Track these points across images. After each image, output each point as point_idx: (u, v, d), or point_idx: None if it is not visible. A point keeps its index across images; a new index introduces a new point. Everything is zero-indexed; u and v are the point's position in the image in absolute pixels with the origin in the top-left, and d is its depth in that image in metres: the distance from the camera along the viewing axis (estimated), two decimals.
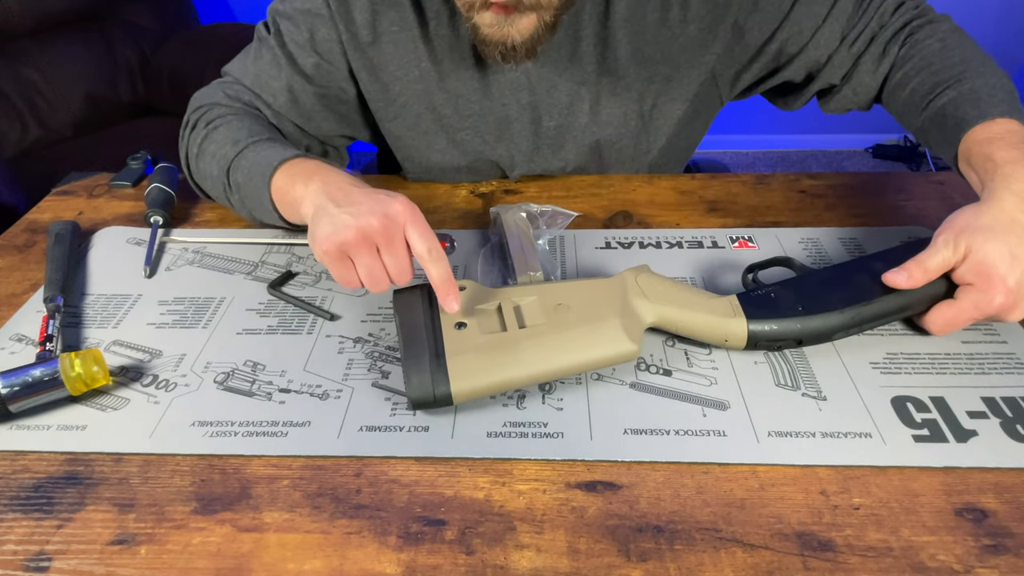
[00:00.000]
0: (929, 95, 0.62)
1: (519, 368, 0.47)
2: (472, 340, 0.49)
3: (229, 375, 0.53)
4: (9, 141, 1.64)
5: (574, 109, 0.73)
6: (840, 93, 0.73)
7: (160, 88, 1.82)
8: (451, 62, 0.70)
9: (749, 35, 0.70)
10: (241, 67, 0.72)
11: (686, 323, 0.52)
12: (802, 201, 0.73)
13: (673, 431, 0.47)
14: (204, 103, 0.70)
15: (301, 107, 0.71)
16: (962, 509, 0.41)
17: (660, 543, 0.40)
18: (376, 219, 0.50)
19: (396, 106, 0.73)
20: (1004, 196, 0.49)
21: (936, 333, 0.52)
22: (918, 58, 0.65)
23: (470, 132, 0.74)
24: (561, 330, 0.49)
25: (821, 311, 0.51)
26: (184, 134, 0.70)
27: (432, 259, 0.50)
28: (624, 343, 0.48)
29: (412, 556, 0.40)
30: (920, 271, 0.50)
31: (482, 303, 0.52)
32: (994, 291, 0.48)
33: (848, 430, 0.46)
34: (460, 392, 0.47)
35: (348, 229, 0.50)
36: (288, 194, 0.57)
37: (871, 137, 2.55)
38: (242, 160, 0.62)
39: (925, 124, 0.63)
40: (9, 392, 0.48)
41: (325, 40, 0.68)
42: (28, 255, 0.69)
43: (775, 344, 0.51)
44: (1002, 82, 0.59)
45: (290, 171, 0.58)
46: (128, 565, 0.40)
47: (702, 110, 0.77)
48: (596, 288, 0.52)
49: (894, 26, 0.68)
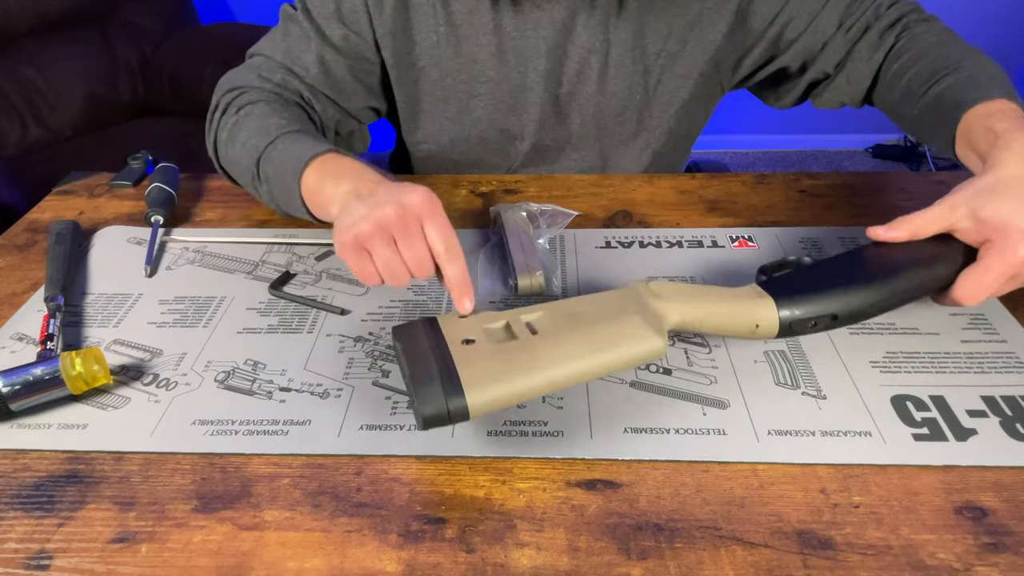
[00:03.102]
0: (927, 82, 0.63)
1: (538, 373, 0.43)
2: (483, 351, 0.45)
3: (230, 374, 0.53)
4: (9, 141, 1.65)
5: (583, 77, 0.74)
6: (834, 83, 0.74)
7: (160, 88, 1.82)
8: (469, 27, 0.71)
9: (752, 19, 0.72)
10: (270, 45, 0.72)
11: (711, 316, 0.48)
12: (802, 201, 0.73)
13: (673, 430, 0.47)
14: (235, 86, 0.68)
15: (333, 78, 0.71)
16: (962, 507, 0.41)
17: (660, 541, 0.40)
18: (391, 208, 0.48)
19: (415, 71, 0.74)
20: (1006, 158, 0.50)
21: (968, 302, 0.50)
22: (915, 50, 0.67)
23: (484, 99, 0.75)
24: (579, 331, 0.46)
25: (850, 286, 0.48)
26: (213, 118, 0.68)
27: (449, 258, 0.48)
28: (651, 338, 0.45)
29: (412, 554, 0.40)
30: (905, 223, 0.50)
31: (489, 323, 0.48)
32: (1016, 242, 0.47)
33: (848, 429, 0.46)
34: (477, 404, 0.42)
35: (364, 220, 0.49)
36: (319, 193, 0.56)
37: (871, 137, 2.55)
38: (273, 151, 0.61)
39: (921, 111, 0.63)
40: (10, 391, 0.48)
41: (351, 11, 0.70)
42: (29, 255, 0.69)
43: (809, 323, 0.48)
44: (998, 71, 0.61)
45: (322, 168, 0.57)
46: (129, 563, 0.40)
47: (703, 95, 0.78)
48: (608, 298, 0.50)
49: (889, 17, 0.70)
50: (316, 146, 0.59)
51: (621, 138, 0.79)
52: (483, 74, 0.73)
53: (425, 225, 0.49)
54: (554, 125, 0.78)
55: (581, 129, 0.78)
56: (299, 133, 0.62)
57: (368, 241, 0.49)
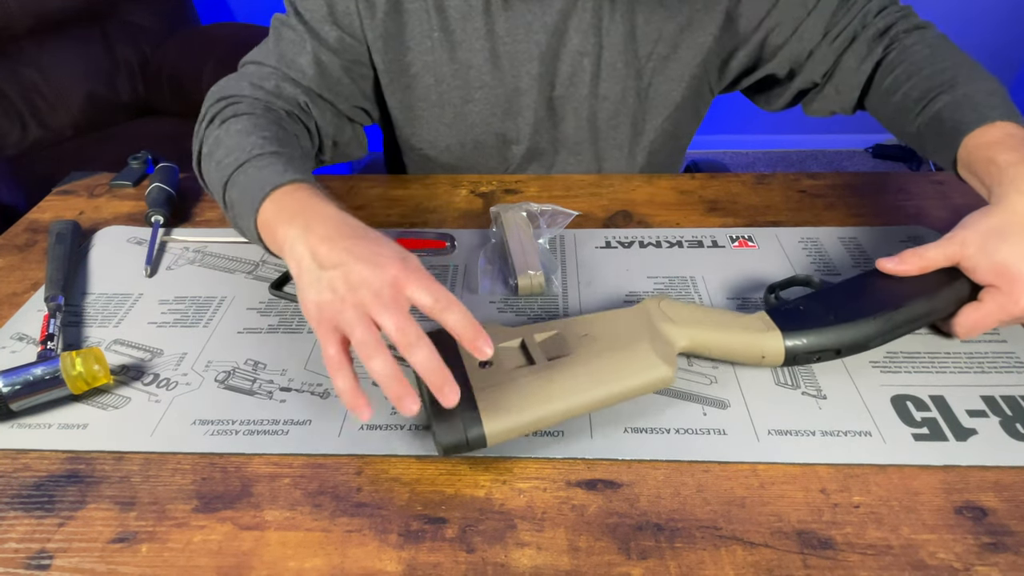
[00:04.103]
0: (922, 100, 0.62)
1: (554, 404, 0.44)
2: (500, 376, 0.46)
3: (230, 374, 0.53)
4: (9, 141, 1.65)
5: (576, 80, 0.74)
6: (823, 92, 0.74)
7: (160, 88, 1.82)
8: (463, 32, 0.71)
9: (739, 21, 0.72)
10: (263, 52, 0.71)
11: (719, 343, 0.50)
12: (802, 201, 0.73)
13: (673, 430, 0.47)
14: (225, 95, 0.66)
15: (330, 79, 0.70)
16: (962, 507, 0.41)
17: (660, 541, 0.40)
18: (365, 292, 0.43)
19: (408, 76, 0.74)
20: (1014, 197, 0.49)
21: (963, 337, 0.52)
22: (908, 63, 0.66)
23: (480, 104, 0.75)
24: (592, 361, 0.47)
25: (855, 319, 0.49)
26: (199, 128, 0.65)
27: (442, 307, 0.43)
28: (659, 368, 0.46)
29: (413, 554, 0.40)
30: (915, 257, 0.50)
31: (503, 341, 0.49)
32: (1018, 291, 0.47)
33: (848, 429, 0.46)
34: (494, 433, 0.43)
35: (332, 305, 0.44)
36: (273, 231, 0.51)
37: (871, 137, 2.55)
38: (240, 176, 0.56)
39: (920, 129, 0.63)
40: (10, 391, 0.48)
41: (344, 13, 0.69)
42: (29, 255, 0.69)
43: (813, 356, 0.49)
44: (994, 86, 0.60)
45: (279, 203, 0.52)
46: (129, 563, 0.40)
47: (694, 97, 0.78)
48: (619, 318, 0.51)
49: (877, 26, 0.69)
50: (281, 175, 0.54)
51: (616, 141, 0.79)
52: (478, 79, 0.73)
53: (408, 292, 0.44)
54: (549, 128, 0.78)
55: (576, 133, 0.78)
56: (273, 156, 0.56)
57: (344, 325, 0.43)
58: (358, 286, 0.43)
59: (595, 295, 0.60)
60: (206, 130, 0.64)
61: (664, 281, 0.61)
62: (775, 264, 0.63)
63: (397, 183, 0.80)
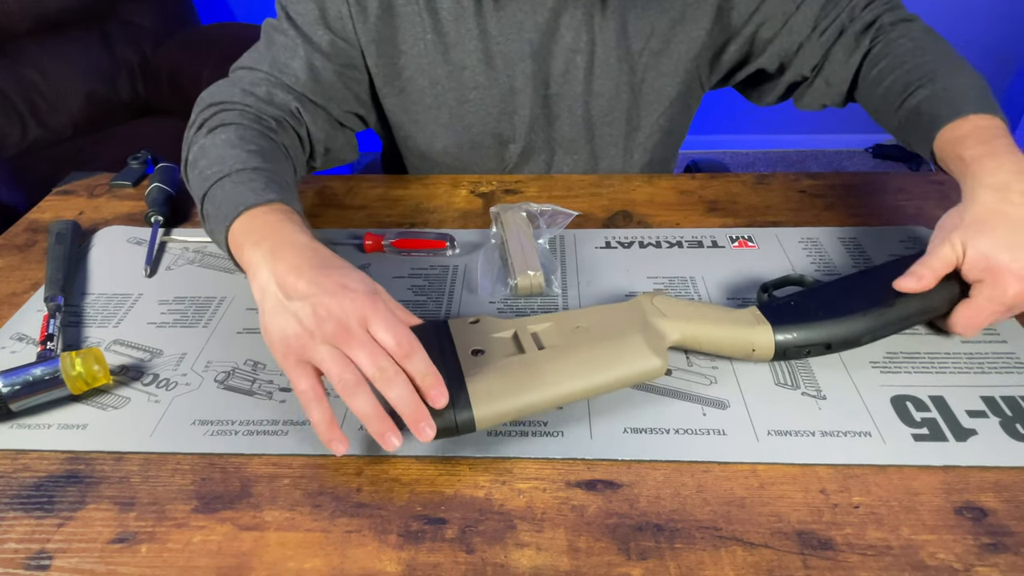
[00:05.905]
0: (903, 93, 0.63)
1: (543, 390, 0.45)
2: (490, 363, 0.46)
3: (230, 374, 0.53)
4: (9, 141, 1.65)
5: (569, 77, 0.74)
6: (813, 86, 0.75)
7: (160, 88, 1.82)
8: (456, 34, 0.71)
9: (729, 16, 0.72)
10: (255, 57, 0.69)
11: (710, 337, 0.50)
12: (802, 201, 0.73)
13: (673, 430, 0.47)
14: (215, 101, 0.65)
15: (323, 84, 0.69)
16: (962, 508, 0.41)
17: (660, 542, 0.40)
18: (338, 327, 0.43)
19: (402, 80, 0.73)
20: (979, 192, 0.50)
21: (962, 334, 0.52)
22: (892, 56, 0.66)
23: (475, 104, 0.75)
24: (583, 349, 0.48)
25: (845, 315, 0.50)
26: (188, 135, 0.65)
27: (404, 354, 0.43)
28: (650, 359, 0.47)
29: (412, 555, 0.40)
30: (928, 271, 0.50)
31: (497, 332, 0.50)
32: (1004, 282, 0.48)
33: (848, 429, 0.46)
34: (483, 417, 0.44)
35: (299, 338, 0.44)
36: (240, 251, 0.51)
37: (871, 137, 2.55)
38: (217, 190, 0.55)
39: (900, 122, 0.64)
40: (10, 391, 0.48)
41: (336, 17, 0.69)
42: (29, 255, 0.69)
43: (803, 350, 0.50)
44: (972, 80, 0.60)
45: (248, 224, 0.52)
46: (129, 563, 0.40)
47: (686, 93, 0.79)
48: (613, 311, 0.52)
49: (864, 19, 0.70)
50: (257, 194, 0.53)
51: (611, 138, 0.79)
52: (472, 80, 0.73)
53: (370, 326, 0.44)
54: (544, 127, 0.78)
55: (571, 130, 0.78)
56: (253, 172, 0.56)
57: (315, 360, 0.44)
58: (325, 320, 0.43)
59: (595, 295, 0.60)
60: (194, 136, 0.63)
61: (664, 281, 0.61)
62: (775, 264, 0.63)
63: (397, 183, 0.80)
